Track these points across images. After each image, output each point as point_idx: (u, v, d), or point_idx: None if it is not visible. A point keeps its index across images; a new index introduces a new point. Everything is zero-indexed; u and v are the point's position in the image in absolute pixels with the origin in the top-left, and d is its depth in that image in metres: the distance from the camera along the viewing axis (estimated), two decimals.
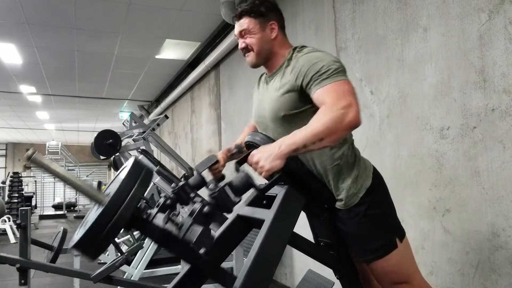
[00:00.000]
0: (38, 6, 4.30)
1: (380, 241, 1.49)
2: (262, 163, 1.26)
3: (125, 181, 1.04)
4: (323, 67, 1.39)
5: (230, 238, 1.48)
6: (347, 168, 1.50)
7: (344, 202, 1.50)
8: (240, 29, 1.57)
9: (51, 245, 2.92)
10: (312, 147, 1.27)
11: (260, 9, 1.54)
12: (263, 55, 1.57)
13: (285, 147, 1.26)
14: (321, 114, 1.30)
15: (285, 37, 1.61)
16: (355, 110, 1.29)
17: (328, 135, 1.26)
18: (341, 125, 1.27)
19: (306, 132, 1.27)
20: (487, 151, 1.95)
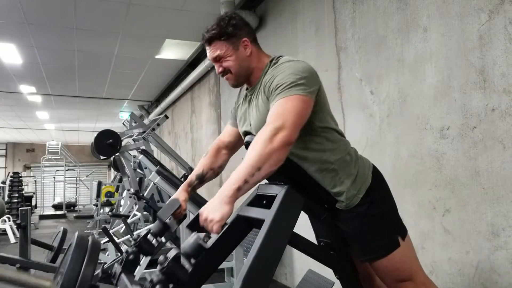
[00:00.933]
0: (38, 6, 4.30)
1: (383, 240, 1.49)
2: (211, 216, 1.23)
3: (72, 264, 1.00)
4: (278, 83, 1.37)
5: (230, 238, 1.48)
6: (344, 170, 1.49)
7: (345, 203, 1.49)
8: (214, 55, 1.53)
9: (51, 245, 2.92)
10: (254, 179, 1.25)
11: (228, 31, 1.49)
12: (242, 74, 1.54)
13: (227, 191, 1.24)
14: (255, 140, 1.29)
15: (259, 50, 1.58)
16: (286, 129, 1.26)
17: (264, 162, 1.24)
18: (272, 148, 1.24)
19: (242, 166, 1.25)
20: (487, 151, 1.95)
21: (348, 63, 2.92)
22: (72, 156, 14.85)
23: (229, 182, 1.25)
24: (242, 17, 1.58)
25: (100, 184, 9.11)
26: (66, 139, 16.52)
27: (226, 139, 1.72)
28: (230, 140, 1.71)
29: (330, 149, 1.48)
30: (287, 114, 1.30)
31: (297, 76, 1.37)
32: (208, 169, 1.66)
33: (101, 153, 5.39)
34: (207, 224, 1.24)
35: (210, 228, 1.24)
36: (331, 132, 1.50)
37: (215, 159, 1.68)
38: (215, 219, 1.22)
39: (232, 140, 1.71)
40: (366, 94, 2.76)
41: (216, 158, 1.69)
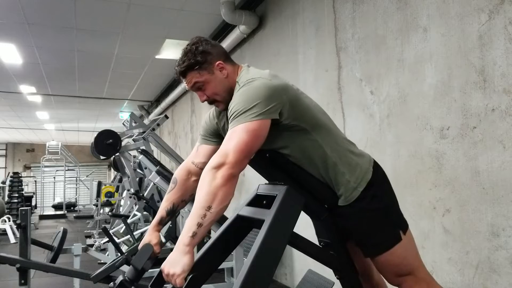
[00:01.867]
0: (38, 6, 4.30)
1: (384, 235, 1.49)
2: (172, 271, 1.22)
3: None
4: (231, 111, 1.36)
5: (230, 238, 1.48)
6: (343, 162, 1.48)
7: (344, 196, 1.49)
8: (192, 84, 1.50)
9: (51, 245, 2.93)
10: (208, 219, 1.23)
11: (198, 60, 1.46)
12: (227, 97, 1.48)
13: (184, 240, 1.23)
14: (200, 180, 1.29)
15: (233, 66, 1.53)
16: (227, 164, 1.26)
17: (212, 200, 1.23)
18: (216, 185, 1.24)
19: (193, 210, 1.24)
20: (487, 151, 1.95)
21: (348, 63, 2.92)
22: (72, 156, 14.85)
23: (184, 231, 1.24)
24: (207, 39, 1.54)
25: (100, 184, 9.11)
26: (66, 139, 16.53)
27: (200, 160, 1.60)
28: (205, 161, 1.53)
29: (327, 141, 1.48)
30: (230, 149, 1.28)
31: (248, 102, 1.33)
32: (179, 202, 1.58)
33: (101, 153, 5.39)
34: (169, 279, 1.24)
35: (174, 282, 1.23)
36: (323, 127, 1.49)
37: (185, 190, 1.59)
38: (176, 273, 1.21)
39: (205, 161, 1.53)
40: (366, 94, 2.76)
41: (185, 189, 1.59)
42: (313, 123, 1.47)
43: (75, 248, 3.11)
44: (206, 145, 1.63)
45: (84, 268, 3.14)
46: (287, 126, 1.42)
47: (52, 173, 14.85)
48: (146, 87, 7.96)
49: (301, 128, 1.44)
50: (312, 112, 1.49)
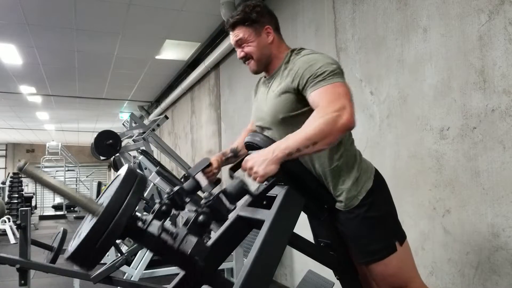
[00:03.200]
0: (38, 6, 4.30)
1: (379, 244, 1.49)
2: (256, 169, 1.25)
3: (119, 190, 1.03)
4: (319, 69, 1.39)
5: (230, 238, 1.48)
6: (347, 170, 1.50)
7: (344, 203, 1.49)
8: (236, 39, 1.56)
9: (51, 245, 2.93)
10: (306, 151, 1.26)
11: (251, 16, 1.53)
12: (263, 61, 1.57)
13: (279, 152, 1.25)
14: (314, 117, 1.29)
15: (281, 39, 1.61)
16: (348, 113, 1.27)
17: (322, 138, 1.25)
18: (334, 128, 1.26)
19: (299, 135, 1.26)
20: (487, 152, 1.95)
21: (348, 63, 2.92)
22: (72, 157, 14.84)
23: (283, 146, 1.26)
24: (267, 5, 1.61)
25: (100, 185, 9.11)
26: (66, 140, 16.53)
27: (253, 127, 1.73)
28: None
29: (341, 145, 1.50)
30: (344, 99, 1.31)
31: (334, 65, 1.40)
32: (242, 146, 1.68)
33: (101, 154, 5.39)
34: (250, 173, 1.27)
35: (253, 178, 1.27)
36: None
37: None
38: (259, 173, 1.25)
39: None
40: (366, 95, 2.76)
41: None
42: None
43: None
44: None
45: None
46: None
47: (52, 173, 14.85)
48: (146, 87, 7.96)
49: None
50: None
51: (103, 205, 1.02)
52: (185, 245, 1.08)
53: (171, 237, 1.09)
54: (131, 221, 1.08)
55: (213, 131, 5.95)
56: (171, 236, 1.09)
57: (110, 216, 1.00)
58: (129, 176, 1.07)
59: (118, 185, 1.05)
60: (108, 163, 16.57)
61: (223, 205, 1.22)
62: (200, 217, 1.15)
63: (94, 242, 0.98)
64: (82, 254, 1.00)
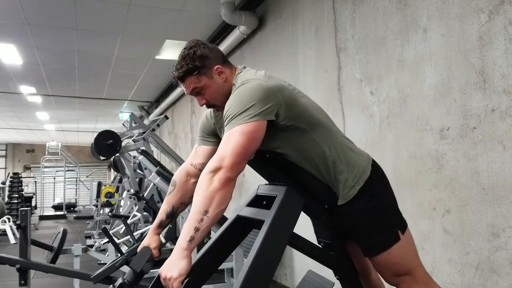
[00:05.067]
0: (38, 6, 4.30)
1: (382, 234, 1.49)
2: (169, 275, 1.22)
3: None
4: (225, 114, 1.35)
5: (230, 238, 1.48)
6: (341, 160, 1.48)
7: (342, 194, 1.48)
8: (191, 90, 1.49)
9: (51, 245, 2.92)
10: (205, 224, 1.23)
11: (196, 65, 1.45)
12: (226, 101, 1.44)
13: (181, 244, 1.24)
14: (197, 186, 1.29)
15: (230, 69, 1.53)
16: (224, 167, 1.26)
17: (208, 204, 1.24)
18: (213, 189, 1.24)
19: (190, 215, 1.25)
20: (487, 152, 1.95)
21: (348, 63, 2.92)
22: (72, 157, 14.85)
23: (182, 235, 1.25)
24: (205, 42, 1.53)
25: (100, 185, 9.10)
26: (66, 140, 16.53)
27: (199, 161, 1.60)
28: (204, 162, 1.56)
29: (325, 140, 1.48)
30: (226, 153, 1.28)
31: (243, 104, 1.32)
32: (179, 204, 1.59)
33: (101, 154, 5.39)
34: (167, 283, 1.25)
35: (171, 286, 1.23)
36: (321, 126, 1.49)
37: (184, 192, 1.59)
38: (173, 277, 1.22)
39: (206, 161, 1.49)
40: (366, 95, 2.76)
41: (184, 191, 1.59)
42: (311, 122, 1.46)
43: (75, 249, 3.11)
44: (205, 145, 1.64)
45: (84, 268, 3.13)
46: (284, 126, 1.41)
47: (52, 173, 14.86)
48: (146, 87, 7.96)
49: (298, 128, 1.43)
50: (310, 112, 1.48)
51: None
52: None
53: None
54: None
55: None
56: None
57: None
58: None
59: None
60: (108, 163, 16.56)
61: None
62: None
63: None
64: None
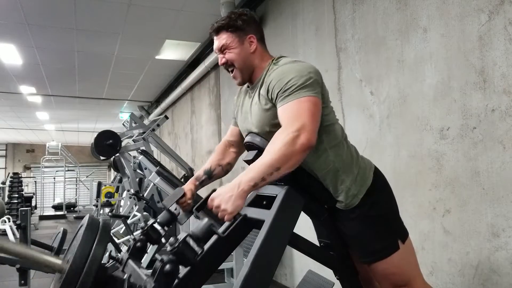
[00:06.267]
0: (38, 6, 4.30)
1: (382, 242, 1.48)
2: (224, 207, 1.24)
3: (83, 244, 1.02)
4: (287, 83, 1.37)
5: (230, 238, 1.48)
6: (345, 169, 1.48)
7: (344, 203, 1.49)
8: (219, 44, 1.55)
9: (51, 245, 2.92)
10: (271, 178, 1.25)
11: (237, 23, 1.52)
12: (245, 70, 1.55)
13: (244, 185, 1.24)
14: (274, 139, 1.29)
15: (264, 49, 1.59)
16: (307, 132, 1.26)
17: (283, 163, 1.24)
18: (294, 150, 1.25)
19: (261, 164, 1.25)
20: (487, 152, 1.95)
21: (348, 63, 2.92)
22: (72, 157, 14.83)
23: (247, 178, 1.25)
24: (254, 15, 1.61)
25: (100, 185, 9.10)
26: (66, 140, 16.52)
27: (231, 138, 1.73)
28: (235, 139, 1.72)
29: (333, 145, 1.48)
30: (305, 117, 1.29)
31: (304, 77, 1.36)
32: (216, 165, 1.67)
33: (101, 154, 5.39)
34: (218, 211, 1.26)
35: (221, 216, 1.25)
36: (333, 128, 1.50)
37: (223, 156, 1.70)
38: (227, 210, 1.24)
39: (236, 139, 1.71)
40: (366, 95, 2.76)
41: (223, 155, 1.70)
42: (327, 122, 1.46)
43: None
44: (235, 126, 1.73)
45: None
46: None
47: (52, 173, 14.84)
48: (146, 87, 7.96)
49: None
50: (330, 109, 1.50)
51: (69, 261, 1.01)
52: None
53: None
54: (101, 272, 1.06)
55: (213, 131, 5.95)
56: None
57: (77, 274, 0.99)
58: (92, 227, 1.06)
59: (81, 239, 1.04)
60: (108, 163, 16.56)
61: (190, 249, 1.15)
62: (167, 267, 1.11)
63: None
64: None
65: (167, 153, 5.59)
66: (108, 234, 1.07)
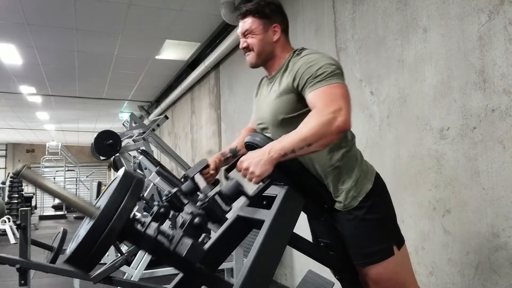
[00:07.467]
0: (38, 6, 4.30)
1: (377, 246, 1.48)
2: (252, 169, 1.25)
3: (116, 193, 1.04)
4: (318, 69, 1.39)
5: (230, 238, 1.48)
6: (347, 171, 1.49)
7: (343, 204, 1.49)
8: (243, 28, 1.57)
9: (51, 245, 2.92)
10: (300, 152, 1.27)
11: (265, 10, 1.55)
12: (263, 56, 1.57)
13: (274, 153, 1.26)
14: (310, 118, 1.30)
15: (287, 41, 1.61)
16: (344, 115, 1.28)
17: (316, 140, 1.26)
18: (329, 130, 1.26)
19: (294, 136, 1.27)
20: (487, 152, 1.95)
21: (348, 63, 2.92)
22: (72, 157, 14.84)
23: (278, 147, 1.26)
24: (281, 6, 1.62)
25: (100, 185, 9.12)
26: (66, 140, 16.52)
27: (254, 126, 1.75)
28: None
29: (341, 146, 1.50)
30: (341, 101, 1.31)
31: (334, 66, 1.40)
32: (241, 146, 1.69)
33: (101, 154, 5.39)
34: (246, 173, 1.28)
35: (249, 178, 1.27)
36: None
37: None
38: (255, 174, 1.25)
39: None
40: (366, 95, 2.76)
41: None
42: None
43: None
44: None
45: None
46: None
47: (52, 173, 14.84)
48: (146, 87, 7.96)
49: None
50: None
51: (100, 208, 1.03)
52: (180, 248, 1.08)
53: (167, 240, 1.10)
54: (129, 223, 1.08)
55: (213, 131, 5.95)
56: (167, 238, 1.10)
57: (107, 219, 1.01)
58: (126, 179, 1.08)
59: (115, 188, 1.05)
60: (108, 163, 16.57)
61: (218, 206, 1.22)
62: (196, 219, 1.16)
63: (91, 245, 0.99)
64: (79, 257, 1.01)
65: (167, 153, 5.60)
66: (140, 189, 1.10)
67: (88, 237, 0.99)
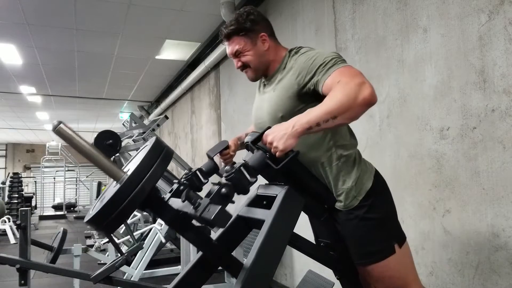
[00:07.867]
0: (38, 6, 4.30)
1: (378, 245, 1.48)
2: (276, 143, 1.25)
3: (145, 159, 1.05)
4: (325, 58, 1.40)
5: (230, 238, 1.48)
6: (347, 170, 1.50)
7: (344, 204, 1.49)
8: (233, 49, 1.58)
9: (51, 245, 2.92)
10: (325, 125, 1.25)
11: (246, 26, 1.54)
12: (261, 68, 1.59)
13: (298, 126, 1.25)
14: (335, 92, 1.28)
15: (277, 43, 1.62)
16: (370, 87, 1.27)
17: (342, 112, 1.24)
18: (356, 101, 1.25)
19: (320, 109, 1.25)
20: (487, 152, 1.95)
21: (348, 63, 2.91)
22: (72, 157, 14.83)
23: (303, 120, 1.25)
24: (260, 12, 1.62)
25: (100, 185, 9.11)
26: None
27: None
28: None
29: (340, 145, 1.50)
30: (361, 76, 1.31)
31: (338, 54, 1.43)
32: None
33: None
34: (270, 147, 1.27)
35: (273, 152, 1.27)
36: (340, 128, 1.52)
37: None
38: (279, 147, 1.24)
39: None
40: None
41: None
42: None
43: (75, 249, 3.11)
44: None
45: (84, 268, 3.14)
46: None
47: (52, 173, 14.85)
48: (146, 87, 7.96)
49: None
50: None
51: (127, 172, 1.04)
52: (207, 213, 1.09)
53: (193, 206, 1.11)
54: (154, 191, 1.09)
55: (213, 131, 5.95)
56: (194, 205, 1.11)
57: (134, 183, 1.02)
58: (156, 148, 1.09)
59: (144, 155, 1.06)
60: None
61: (244, 178, 1.23)
62: (223, 189, 1.17)
63: (116, 206, 1.01)
64: (102, 218, 1.02)
65: None
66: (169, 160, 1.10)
67: (114, 198, 1.01)
